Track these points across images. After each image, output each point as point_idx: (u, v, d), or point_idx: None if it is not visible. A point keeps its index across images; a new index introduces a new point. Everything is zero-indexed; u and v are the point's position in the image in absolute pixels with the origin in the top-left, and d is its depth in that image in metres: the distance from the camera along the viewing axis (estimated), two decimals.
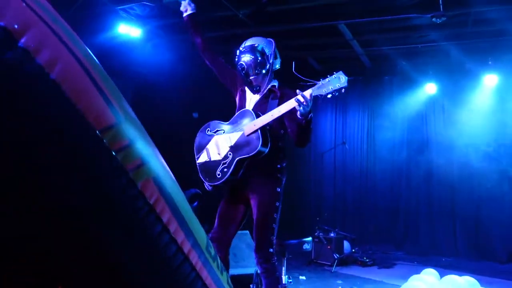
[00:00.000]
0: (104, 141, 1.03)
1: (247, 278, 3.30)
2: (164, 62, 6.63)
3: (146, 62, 6.45)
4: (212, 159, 2.90)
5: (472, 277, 4.20)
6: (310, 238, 3.24)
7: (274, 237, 2.77)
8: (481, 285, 4.00)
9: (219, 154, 2.88)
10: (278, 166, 2.85)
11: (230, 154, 2.81)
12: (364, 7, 5.34)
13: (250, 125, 2.74)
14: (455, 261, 6.59)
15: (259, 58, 2.84)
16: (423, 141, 7.53)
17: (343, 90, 2.49)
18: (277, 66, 2.97)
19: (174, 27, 5.96)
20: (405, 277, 4.25)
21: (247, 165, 2.78)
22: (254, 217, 2.84)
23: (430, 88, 7.31)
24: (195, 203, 2.73)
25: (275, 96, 2.86)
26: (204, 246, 1.42)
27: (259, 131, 2.70)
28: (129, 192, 1.08)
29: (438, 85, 7.25)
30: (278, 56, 2.98)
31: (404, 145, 7.65)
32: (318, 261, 6.14)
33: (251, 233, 3.08)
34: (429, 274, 4.44)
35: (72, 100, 0.97)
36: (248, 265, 4.11)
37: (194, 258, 1.33)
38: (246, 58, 2.85)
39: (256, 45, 2.88)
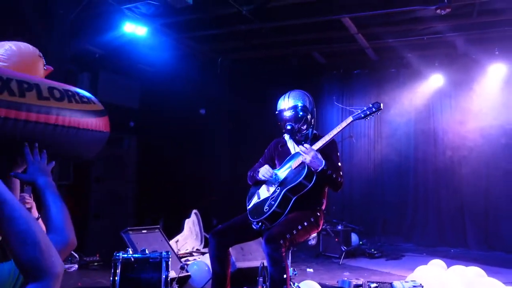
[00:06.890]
0: None
1: (254, 271, 3.34)
2: (170, 60, 6.69)
3: (152, 60, 6.53)
4: (261, 198, 3.05)
5: (479, 267, 4.22)
6: (314, 234, 3.30)
7: (289, 236, 2.78)
8: (488, 275, 4.00)
9: (268, 191, 3.04)
10: (318, 207, 3.01)
11: (278, 189, 2.97)
12: (368, 0, 5.34)
13: (297, 160, 2.94)
14: (463, 252, 6.61)
15: (302, 114, 3.06)
16: (430, 133, 7.52)
17: (377, 113, 3.22)
18: (314, 116, 3.18)
19: (179, 25, 6.01)
20: (413, 269, 4.27)
21: (295, 201, 2.88)
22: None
23: (436, 80, 7.29)
24: None
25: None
26: None
27: (305, 164, 2.86)
28: None
29: (444, 77, 7.23)
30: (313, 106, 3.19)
31: (412, 138, 7.64)
32: (326, 254, 6.19)
33: None
34: (436, 265, 4.48)
35: None
36: (255, 259, 4.17)
37: None
38: (289, 114, 3.06)
39: (297, 105, 3.08)
